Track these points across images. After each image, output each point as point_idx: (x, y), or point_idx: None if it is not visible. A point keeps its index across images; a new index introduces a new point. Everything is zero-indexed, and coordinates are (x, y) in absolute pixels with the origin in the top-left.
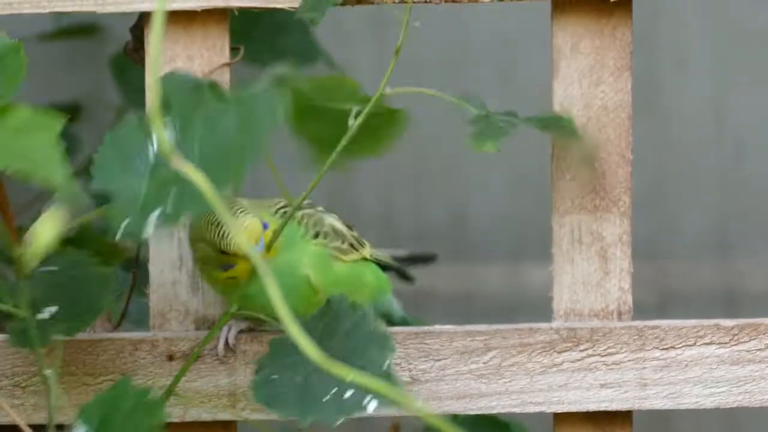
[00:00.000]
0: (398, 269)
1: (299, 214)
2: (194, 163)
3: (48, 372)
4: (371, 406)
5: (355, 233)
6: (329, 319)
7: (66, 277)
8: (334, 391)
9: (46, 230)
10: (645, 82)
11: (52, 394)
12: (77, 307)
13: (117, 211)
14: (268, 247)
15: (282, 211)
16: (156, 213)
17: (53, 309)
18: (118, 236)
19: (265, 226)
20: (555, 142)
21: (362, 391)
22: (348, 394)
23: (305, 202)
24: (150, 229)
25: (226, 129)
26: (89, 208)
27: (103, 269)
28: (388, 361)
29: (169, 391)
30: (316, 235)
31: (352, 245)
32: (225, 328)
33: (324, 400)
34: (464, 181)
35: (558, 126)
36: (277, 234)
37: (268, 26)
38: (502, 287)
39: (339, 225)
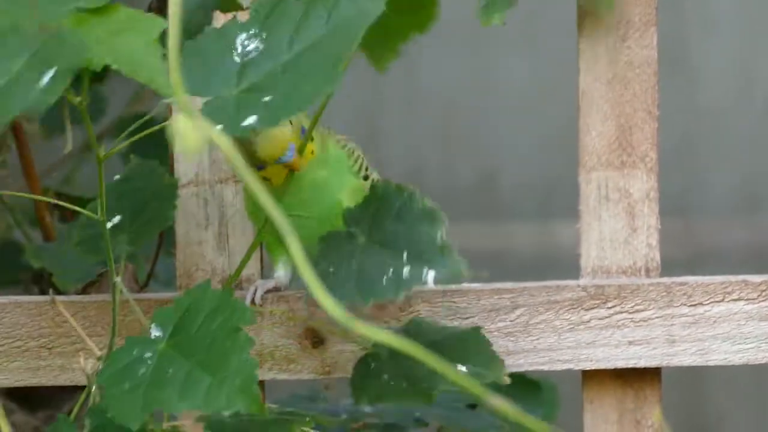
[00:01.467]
0: None
1: (354, 149)
2: (287, 70)
3: (117, 280)
4: (430, 278)
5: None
6: (378, 204)
7: (133, 188)
8: (391, 270)
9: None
10: (673, 41)
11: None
12: (143, 217)
13: (211, 115)
14: (300, 151)
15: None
16: (252, 119)
17: (117, 219)
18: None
19: (302, 131)
20: (581, 98)
21: (419, 266)
22: (405, 270)
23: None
24: (246, 132)
25: (315, 28)
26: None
27: (170, 178)
28: (440, 234)
29: None
30: (365, 178)
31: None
32: (252, 288)
33: (383, 280)
34: (492, 141)
35: None
36: (307, 137)
37: None
38: (532, 245)
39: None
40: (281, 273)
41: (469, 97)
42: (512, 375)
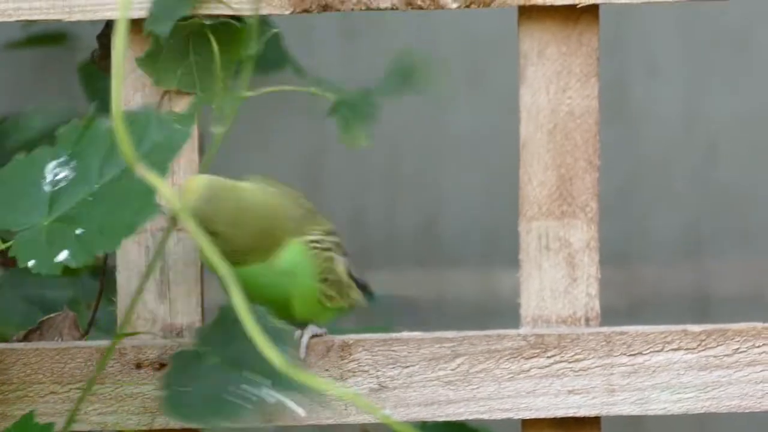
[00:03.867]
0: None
1: (320, 247)
2: (98, 199)
3: None
4: (292, 406)
5: (348, 280)
6: (228, 324)
7: None
8: (250, 394)
9: None
10: (615, 87)
11: None
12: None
13: (22, 249)
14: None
15: (317, 239)
16: (65, 254)
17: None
18: (32, 269)
19: None
20: (523, 147)
21: (276, 389)
22: (264, 393)
23: (333, 233)
24: (58, 269)
25: (108, 197)
26: None
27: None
28: (287, 355)
29: (71, 418)
30: (324, 281)
31: (341, 294)
32: (298, 333)
33: (239, 403)
34: (435, 187)
35: (407, 75)
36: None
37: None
38: (473, 293)
39: (342, 269)
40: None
41: (412, 143)
42: (452, 424)
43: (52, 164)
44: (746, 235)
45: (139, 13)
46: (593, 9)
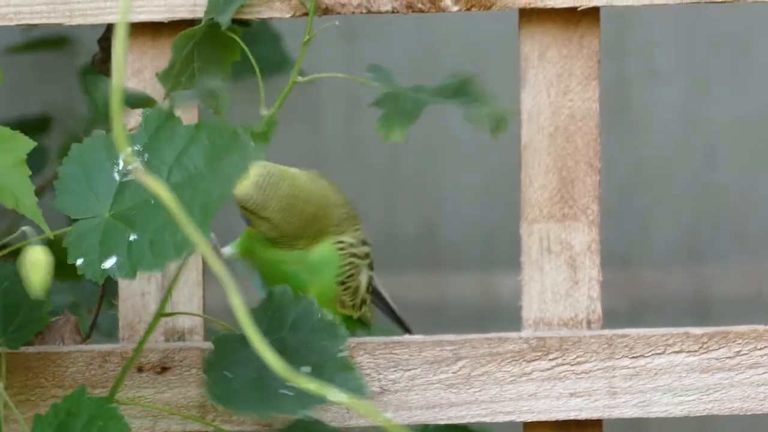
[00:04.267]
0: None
1: (350, 251)
2: (159, 204)
3: None
4: (333, 397)
5: (366, 294)
6: (273, 311)
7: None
8: (291, 384)
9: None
10: (616, 91)
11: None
12: (15, 321)
13: (74, 244)
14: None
15: (350, 242)
16: (113, 260)
17: None
18: (78, 269)
19: None
20: (524, 150)
21: (320, 382)
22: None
23: (366, 244)
24: (103, 276)
25: (195, 161)
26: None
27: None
28: (342, 349)
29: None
30: (342, 284)
31: (354, 305)
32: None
33: (284, 394)
34: (435, 191)
35: (464, 92)
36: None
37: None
38: (473, 297)
39: (364, 283)
40: None
41: (412, 147)
42: (454, 427)
43: (128, 149)
44: (746, 238)
45: (139, 17)
46: (594, 12)
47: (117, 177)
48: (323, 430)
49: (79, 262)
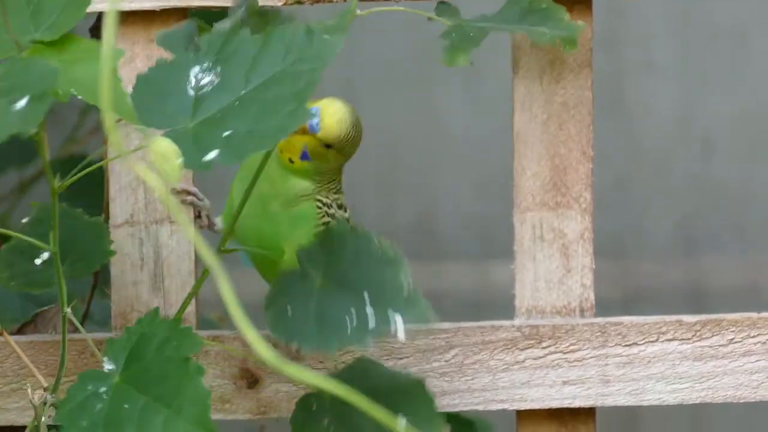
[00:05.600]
0: None
1: (327, 212)
2: (245, 104)
3: (67, 311)
4: (400, 327)
5: None
6: (333, 244)
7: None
8: (354, 315)
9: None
10: (612, 83)
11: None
12: (74, 254)
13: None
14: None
15: (328, 203)
16: (214, 153)
17: (45, 255)
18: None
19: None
20: (516, 138)
21: (383, 311)
22: (370, 316)
23: (345, 209)
24: (208, 167)
25: (272, 64)
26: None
27: (95, 219)
28: (405, 278)
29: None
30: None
31: None
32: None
33: (346, 325)
34: (430, 181)
35: (532, 12)
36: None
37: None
38: (469, 286)
39: None
40: None
41: (407, 138)
42: (447, 415)
43: (195, 69)
44: (741, 229)
45: (131, 5)
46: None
47: (192, 93)
48: (381, 371)
49: (180, 160)
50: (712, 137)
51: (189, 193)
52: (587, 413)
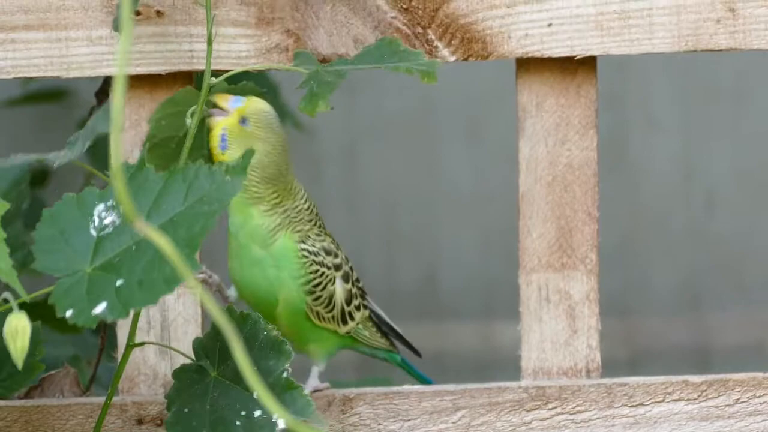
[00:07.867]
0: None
1: (313, 258)
2: (140, 248)
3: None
4: (280, 423)
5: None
6: (223, 335)
7: None
8: (243, 414)
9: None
10: (615, 140)
11: None
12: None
13: (60, 299)
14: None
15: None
16: (103, 306)
17: None
18: (69, 320)
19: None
20: (521, 200)
21: (269, 414)
22: (257, 413)
23: (335, 256)
24: (95, 321)
25: (173, 203)
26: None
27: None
28: (285, 368)
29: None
30: (311, 293)
31: (334, 318)
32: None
33: (237, 424)
34: (434, 241)
35: (389, 54)
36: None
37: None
38: (473, 346)
39: (340, 294)
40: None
41: (411, 198)
42: None
43: (100, 207)
44: (744, 286)
45: (137, 69)
46: (591, 60)
47: (94, 233)
48: None
49: (69, 313)
50: (714, 194)
51: (200, 271)
52: None
